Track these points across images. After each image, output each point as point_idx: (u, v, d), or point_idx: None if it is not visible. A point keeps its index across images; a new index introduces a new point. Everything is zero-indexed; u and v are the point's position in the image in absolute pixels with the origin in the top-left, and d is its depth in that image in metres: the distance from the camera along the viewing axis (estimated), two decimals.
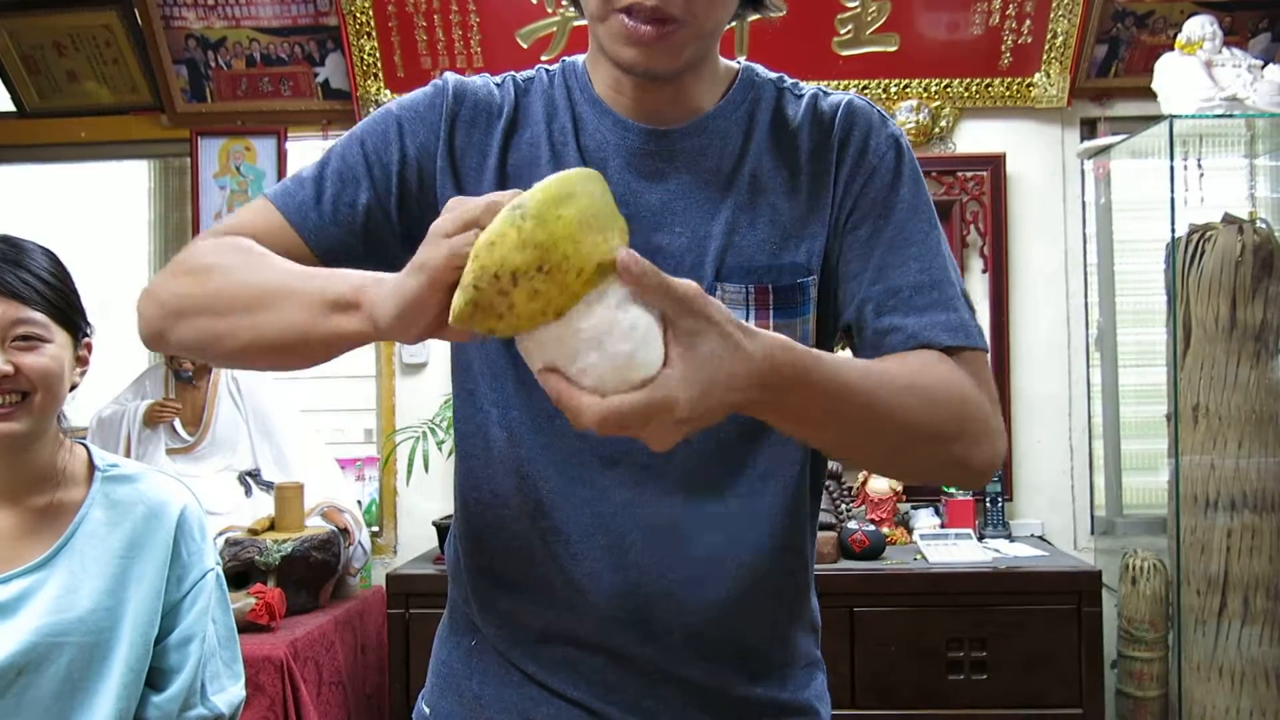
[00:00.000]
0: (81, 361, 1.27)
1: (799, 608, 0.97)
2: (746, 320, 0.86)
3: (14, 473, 1.21)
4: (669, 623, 0.90)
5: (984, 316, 3.01)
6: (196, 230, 3.16)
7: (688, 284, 0.65)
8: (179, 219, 3.32)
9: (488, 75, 0.97)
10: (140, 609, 1.23)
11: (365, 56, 2.99)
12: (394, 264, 0.78)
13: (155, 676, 1.24)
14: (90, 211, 3.32)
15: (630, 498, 0.89)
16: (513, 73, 0.98)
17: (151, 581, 1.24)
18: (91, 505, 1.24)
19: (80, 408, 2.76)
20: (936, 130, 3.02)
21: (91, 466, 1.27)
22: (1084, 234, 3.03)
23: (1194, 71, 2.63)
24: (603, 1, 0.84)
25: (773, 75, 0.97)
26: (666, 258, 0.88)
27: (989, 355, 0.90)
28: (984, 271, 3.02)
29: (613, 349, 0.64)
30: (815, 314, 0.91)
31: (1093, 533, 3.00)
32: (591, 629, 0.90)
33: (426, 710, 1.00)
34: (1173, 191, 2.58)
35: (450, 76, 0.96)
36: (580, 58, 0.97)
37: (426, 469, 2.69)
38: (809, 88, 0.96)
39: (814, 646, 1.00)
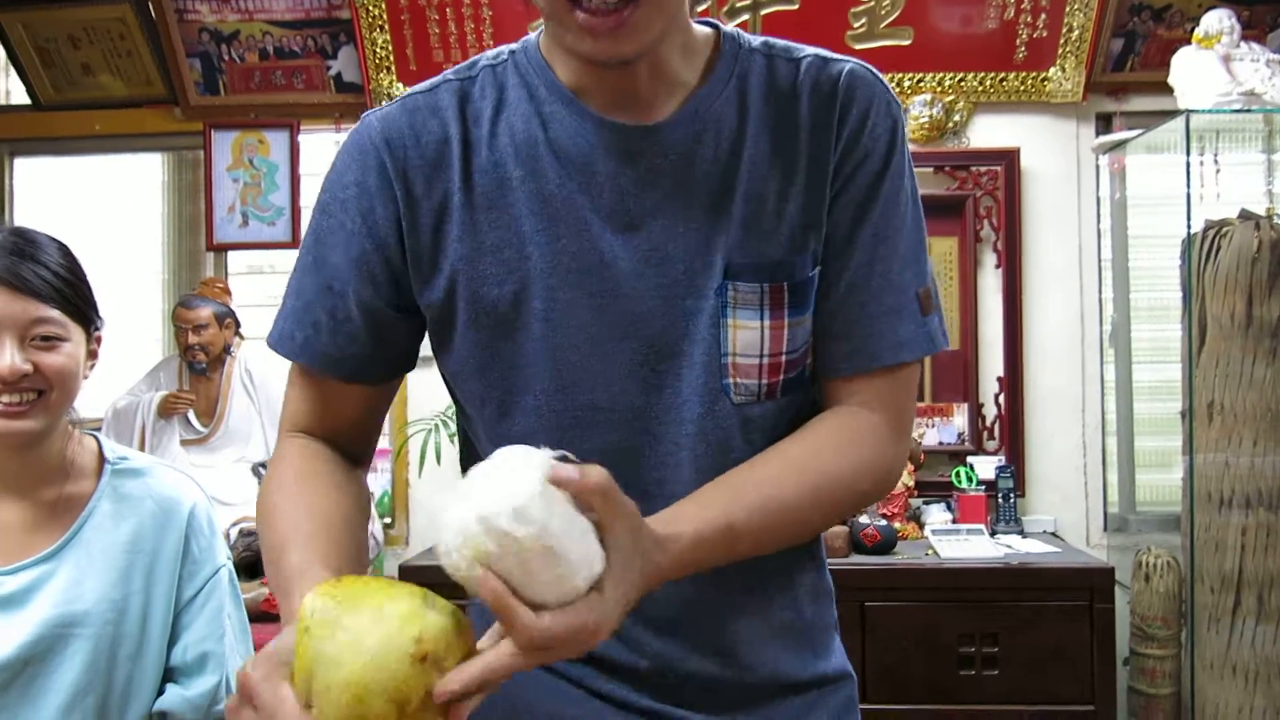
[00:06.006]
0: (92, 355, 1.27)
1: (820, 586, 0.95)
2: (760, 320, 0.84)
3: (24, 466, 1.21)
4: (696, 622, 0.88)
5: (997, 311, 3.01)
6: (210, 223, 3.17)
7: (608, 482, 0.66)
8: (193, 211, 3.33)
9: (416, 90, 0.87)
10: (153, 605, 1.23)
11: (378, 50, 2.99)
12: (413, 335, 0.90)
13: (182, 674, 1.25)
14: (105, 204, 3.34)
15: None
16: (447, 74, 0.88)
17: (162, 578, 1.24)
18: (100, 499, 1.24)
19: (95, 399, 2.78)
20: (950, 125, 3.01)
21: (101, 459, 1.27)
22: (1098, 229, 3.02)
23: (1211, 66, 2.61)
24: None
25: (758, 41, 0.88)
26: (675, 261, 0.83)
27: (945, 345, 0.91)
28: (997, 267, 3.01)
29: (552, 573, 0.64)
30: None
31: (1105, 529, 2.99)
32: (617, 642, 0.87)
33: None
34: (1189, 187, 2.57)
35: (372, 121, 0.86)
36: (532, 40, 0.87)
37: (439, 461, 2.69)
38: (805, 51, 0.87)
39: (833, 611, 0.98)
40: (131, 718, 1.21)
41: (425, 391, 3.07)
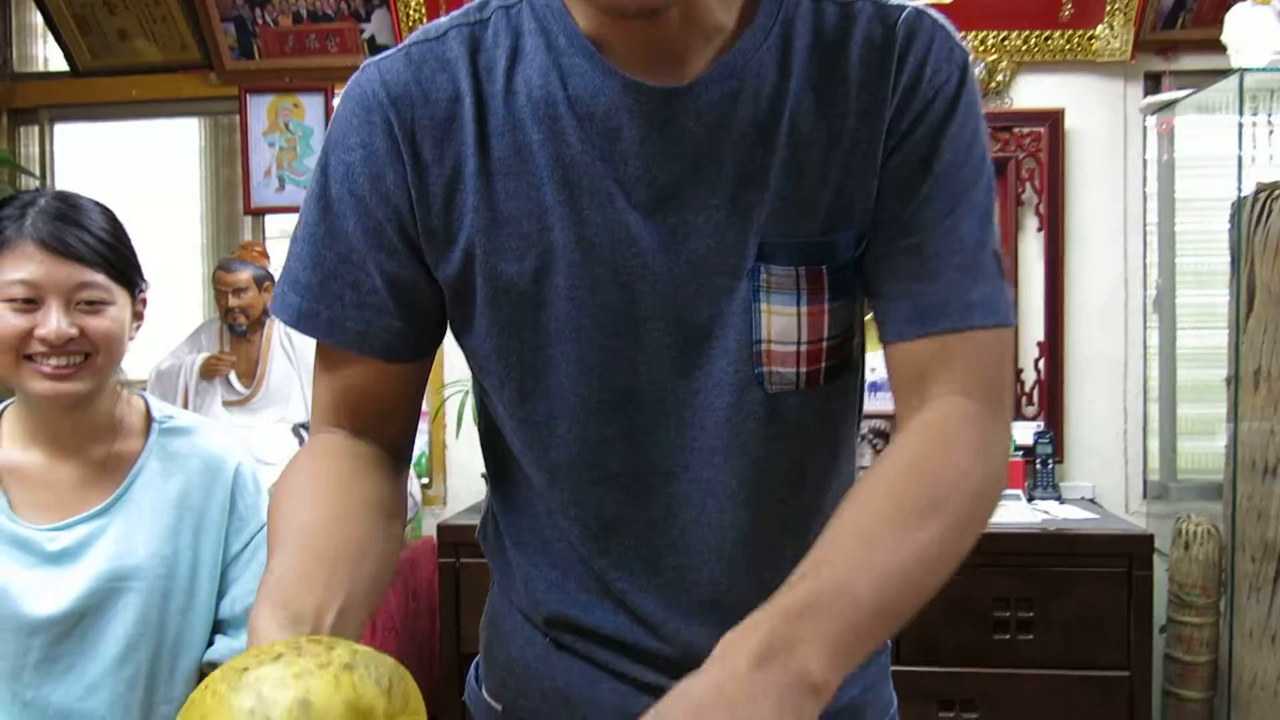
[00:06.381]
0: (137, 316, 1.29)
1: None
2: (797, 305, 0.76)
3: (74, 426, 1.24)
4: (733, 615, 0.83)
5: (1038, 276, 2.96)
6: (247, 187, 3.19)
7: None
8: (230, 175, 3.35)
9: (422, 36, 0.77)
10: (201, 560, 1.26)
11: (411, 12, 2.97)
12: (442, 306, 0.81)
13: (230, 626, 1.28)
14: (144, 168, 3.37)
15: (694, 516, 0.81)
16: (455, 17, 0.77)
17: (210, 534, 1.27)
18: (148, 456, 1.27)
19: (139, 361, 2.83)
20: (993, 85, 2.95)
21: (149, 418, 1.30)
22: (1144, 192, 2.95)
23: (1267, 22, 2.53)
24: None
25: None
26: (703, 237, 0.75)
27: (1013, 329, 0.79)
28: (1039, 230, 2.96)
29: None
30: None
31: (1145, 496, 2.96)
32: (675, 649, 0.84)
33: (498, 706, 0.93)
34: (1240, 149, 2.50)
35: (374, 73, 0.77)
36: None
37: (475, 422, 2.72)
38: None
39: None
40: (182, 669, 1.25)
41: (461, 354, 3.08)
